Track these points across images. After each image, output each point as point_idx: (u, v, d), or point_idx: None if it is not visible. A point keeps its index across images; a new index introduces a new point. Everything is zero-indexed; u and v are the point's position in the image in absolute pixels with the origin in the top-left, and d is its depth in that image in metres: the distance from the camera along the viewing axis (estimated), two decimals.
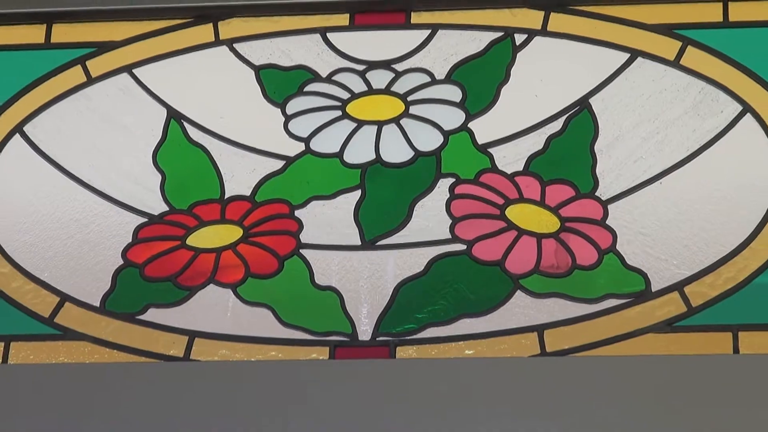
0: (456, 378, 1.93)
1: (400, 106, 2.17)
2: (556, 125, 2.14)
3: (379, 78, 2.21)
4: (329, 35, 2.26)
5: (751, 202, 2.05)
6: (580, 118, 2.14)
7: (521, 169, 2.11)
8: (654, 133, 2.13)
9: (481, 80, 2.19)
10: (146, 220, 2.13)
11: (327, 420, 1.91)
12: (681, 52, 2.17)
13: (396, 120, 2.16)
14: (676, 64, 2.17)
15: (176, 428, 1.94)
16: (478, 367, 1.95)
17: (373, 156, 2.13)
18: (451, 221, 2.07)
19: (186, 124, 2.20)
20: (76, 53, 2.27)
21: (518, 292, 2.01)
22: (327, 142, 2.16)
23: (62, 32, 2.31)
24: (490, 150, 2.13)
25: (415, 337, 2.00)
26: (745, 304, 1.97)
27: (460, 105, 2.16)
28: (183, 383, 1.97)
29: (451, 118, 2.15)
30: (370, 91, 2.19)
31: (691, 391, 1.88)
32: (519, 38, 2.22)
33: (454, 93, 2.17)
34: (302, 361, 1.99)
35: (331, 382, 1.94)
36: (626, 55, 2.19)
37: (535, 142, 2.13)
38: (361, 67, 2.22)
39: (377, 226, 2.08)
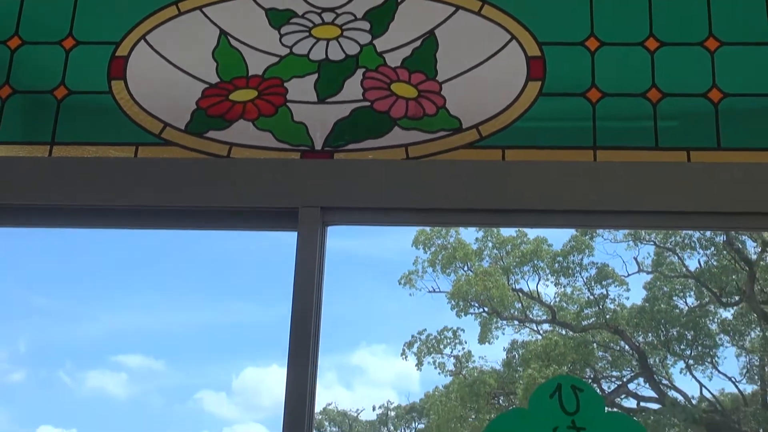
0: (363, 169, 2.01)
1: (338, 31, 2.15)
2: (417, 43, 2.13)
3: (328, 16, 2.17)
4: None
5: (513, 81, 2.08)
6: (429, 39, 2.13)
7: (399, 65, 2.11)
8: (466, 49, 2.12)
9: (380, 19, 2.16)
10: (208, 85, 2.12)
11: (297, 189, 1.98)
12: (481, 8, 2.15)
13: (336, 38, 2.15)
14: (479, 14, 2.15)
15: (224, 192, 2.00)
16: (374, 164, 2.02)
17: (324, 56, 2.13)
18: (362, 90, 2.09)
19: (229, 38, 2.17)
20: None
21: (396, 127, 2.05)
22: (301, 48, 2.14)
23: None
24: (383, 55, 2.13)
25: (343, 149, 2.04)
26: (509, 136, 2.03)
27: (369, 31, 2.15)
28: (226, 169, 2.02)
29: (364, 38, 2.15)
30: (323, 23, 2.16)
31: (477, 179, 1.97)
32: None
33: (365, 25, 2.16)
34: (286, 159, 2.04)
35: (300, 171, 2.01)
36: (453, 8, 2.16)
37: (406, 51, 2.13)
38: (318, 11, 2.18)
39: (326, 92, 2.10)
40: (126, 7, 2.22)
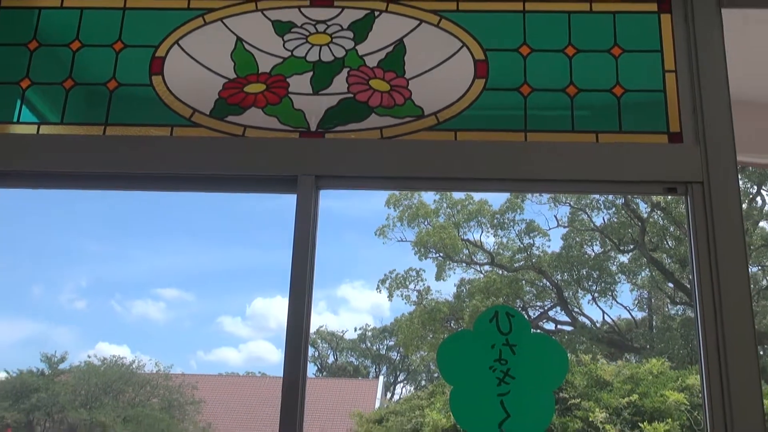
0: (348, 148, 1.98)
1: (329, 39, 2.12)
2: (390, 48, 2.11)
3: (321, 27, 2.15)
4: (302, 9, 2.17)
5: (463, 79, 2.06)
6: (399, 46, 2.11)
7: (375, 65, 2.09)
8: (428, 54, 2.10)
9: (361, 30, 2.13)
10: (227, 80, 2.10)
11: (296, 161, 1.95)
12: (439, 21, 2.13)
13: (327, 44, 2.12)
14: (438, 26, 2.13)
15: (240, 163, 1.97)
16: (356, 142, 2.00)
17: (318, 58, 2.10)
18: (347, 85, 2.07)
19: (244, 43, 2.14)
20: (199, 12, 2.17)
21: (373, 114, 2.03)
22: (300, 52, 2.11)
23: (195, 1, 2.19)
24: (363, 57, 2.10)
25: (332, 130, 2.02)
26: (460, 121, 2.01)
27: (353, 39, 2.12)
28: (241, 146, 1.99)
29: (349, 44, 2.12)
30: (317, 32, 2.14)
31: (435, 154, 1.94)
32: (376, 13, 2.15)
33: (350, 34, 2.13)
34: (288, 138, 2.02)
35: (299, 148, 1.98)
36: (417, 22, 2.14)
37: (381, 55, 2.10)
38: (313, 22, 2.15)
39: (319, 86, 2.07)
40: (163, 18, 2.19)
